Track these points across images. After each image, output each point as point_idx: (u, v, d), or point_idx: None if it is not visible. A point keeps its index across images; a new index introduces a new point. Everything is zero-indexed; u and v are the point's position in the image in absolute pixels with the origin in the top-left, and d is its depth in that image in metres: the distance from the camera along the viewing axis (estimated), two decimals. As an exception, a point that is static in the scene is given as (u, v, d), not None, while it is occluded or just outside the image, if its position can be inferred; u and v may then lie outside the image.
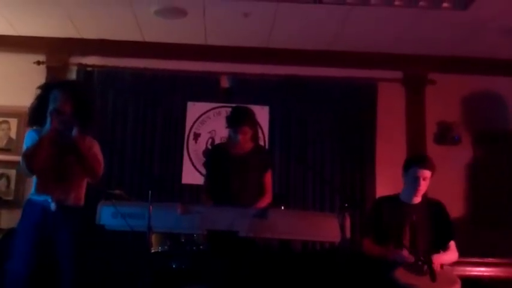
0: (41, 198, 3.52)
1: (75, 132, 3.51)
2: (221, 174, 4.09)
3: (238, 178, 4.03)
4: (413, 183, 3.83)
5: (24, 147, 3.58)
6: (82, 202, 3.68)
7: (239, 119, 4.06)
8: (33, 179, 3.62)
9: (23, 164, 3.49)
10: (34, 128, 3.68)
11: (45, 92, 3.66)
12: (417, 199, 3.90)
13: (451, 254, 3.88)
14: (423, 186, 3.83)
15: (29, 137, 3.60)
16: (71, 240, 3.49)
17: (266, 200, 4.03)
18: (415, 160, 3.94)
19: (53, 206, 3.47)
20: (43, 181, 3.54)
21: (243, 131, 4.02)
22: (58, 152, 3.53)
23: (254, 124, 4.13)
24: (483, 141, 5.72)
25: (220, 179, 4.08)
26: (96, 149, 3.72)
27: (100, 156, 3.72)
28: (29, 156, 3.46)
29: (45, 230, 3.48)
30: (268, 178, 4.15)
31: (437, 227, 3.88)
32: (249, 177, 4.05)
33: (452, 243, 3.90)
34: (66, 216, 3.50)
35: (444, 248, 3.87)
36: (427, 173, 3.81)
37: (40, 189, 3.54)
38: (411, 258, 3.66)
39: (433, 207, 3.93)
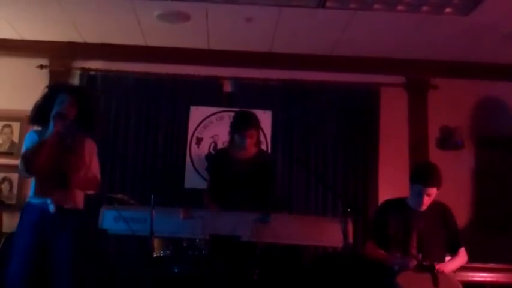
0: (39, 201, 3.52)
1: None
2: (224, 179, 4.09)
3: (243, 183, 4.03)
4: (417, 198, 3.82)
5: (24, 148, 3.59)
6: (81, 205, 3.68)
7: (246, 123, 4.07)
8: (32, 183, 3.62)
9: (22, 165, 3.49)
10: (35, 128, 3.69)
11: (53, 92, 3.67)
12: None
13: (459, 260, 3.87)
14: (427, 201, 3.82)
15: (29, 138, 3.61)
16: (68, 243, 3.49)
17: (270, 205, 4.03)
18: (421, 177, 3.81)
19: (51, 207, 3.47)
20: (42, 184, 3.54)
21: (250, 134, 4.03)
22: (58, 155, 3.54)
23: (259, 128, 4.16)
24: (486, 146, 5.70)
25: (223, 184, 4.08)
26: (94, 157, 3.74)
27: (97, 169, 3.75)
28: (29, 158, 3.46)
29: (43, 233, 3.47)
30: (271, 183, 4.15)
31: (444, 233, 3.87)
32: (253, 182, 4.05)
33: (462, 250, 3.91)
34: (64, 219, 3.51)
35: (453, 253, 3.87)
36: (431, 191, 3.78)
37: (39, 192, 3.53)
38: (414, 264, 3.66)
39: (440, 212, 3.92)
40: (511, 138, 5.70)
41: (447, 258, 3.92)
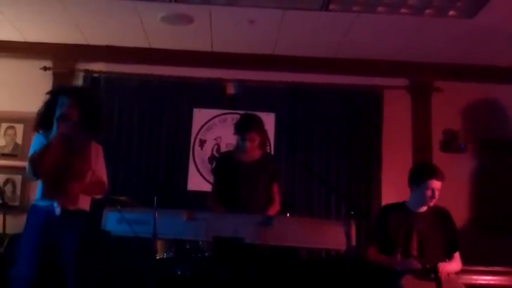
0: (45, 203, 3.53)
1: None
2: (229, 182, 4.09)
3: (247, 186, 4.03)
4: (428, 195, 3.80)
5: (31, 151, 3.59)
6: (87, 207, 3.69)
7: (247, 125, 4.07)
8: (38, 185, 3.62)
9: (29, 168, 3.50)
10: (41, 132, 3.70)
11: (53, 97, 3.68)
12: (424, 208, 3.89)
13: (455, 264, 3.87)
14: (437, 195, 3.81)
15: (37, 141, 3.61)
16: (74, 245, 3.50)
17: (275, 209, 4.03)
18: (429, 172, 3.82)
19: (57, 210, 3.48)
20: (48, 186, 3.54)
21: (251, 137, 4.03)
22: (64, 157, 3.54)
23: (262, 131, 4.14)
24: (489, 149, 5.69)
25: (228, 187, 4.08)
26: (101, 161, 3.75)
27: (103, 173, 3.76)
28: (36, 160, 3.47)
29: (49, 235, 3.48)
30: (276, 186, 4.15)
31: (443, 235, 3.87)
32: (257, 185, 4.06)
33: (456, 254, 3.90)
34: (70, 221, 3.52)
35: (449, 257, 3.86)
36: (439, 184, 3.79)
37: (45, 194, 3.54)
38: (418, 266, 3.65)
39: (439, 215, 3.92)
40: (512, 141, 5.70)
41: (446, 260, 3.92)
